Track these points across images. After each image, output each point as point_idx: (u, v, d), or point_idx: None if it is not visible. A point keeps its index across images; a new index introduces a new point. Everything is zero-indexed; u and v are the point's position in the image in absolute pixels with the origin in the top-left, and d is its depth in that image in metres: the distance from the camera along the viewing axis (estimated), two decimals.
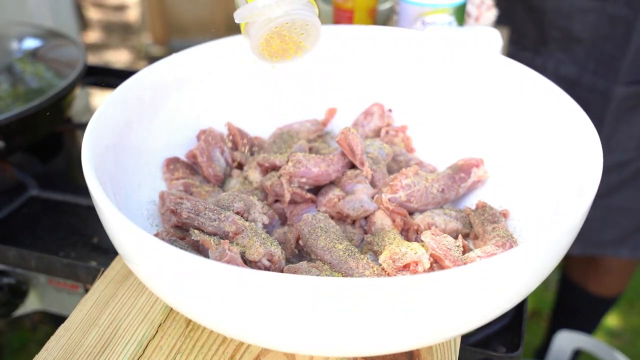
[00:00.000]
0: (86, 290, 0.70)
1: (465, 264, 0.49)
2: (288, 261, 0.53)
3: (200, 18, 2.75)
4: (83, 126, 0.86)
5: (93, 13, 3.36)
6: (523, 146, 0.59)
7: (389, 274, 0.49)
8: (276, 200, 0.60)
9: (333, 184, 0.60)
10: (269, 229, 0.57)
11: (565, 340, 1.30)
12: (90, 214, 0.74)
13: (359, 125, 0.69)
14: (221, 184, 0.64)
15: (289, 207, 0.58)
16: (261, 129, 0.70)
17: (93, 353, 0.48)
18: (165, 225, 0.55)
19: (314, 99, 0.71)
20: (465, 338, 0.57)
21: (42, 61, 0.91)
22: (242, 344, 0.49)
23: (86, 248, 0.69)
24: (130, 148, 0.58)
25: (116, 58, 2.93)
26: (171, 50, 0.72)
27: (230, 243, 0.49)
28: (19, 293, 0.75)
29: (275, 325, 0.38)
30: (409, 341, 0.40)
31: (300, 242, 0.53)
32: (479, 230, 0.56)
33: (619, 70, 1.04)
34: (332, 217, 0.58)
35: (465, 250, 0.53)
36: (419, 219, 0.56)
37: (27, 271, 0.74)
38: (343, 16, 0.92)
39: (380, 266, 0.50)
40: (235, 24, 0.54)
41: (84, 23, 3.09)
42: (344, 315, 0.36)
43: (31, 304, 0.77)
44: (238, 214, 0.54)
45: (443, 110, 0.67)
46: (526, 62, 0.64)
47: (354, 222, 0.58)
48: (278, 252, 0.50)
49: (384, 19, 1.00)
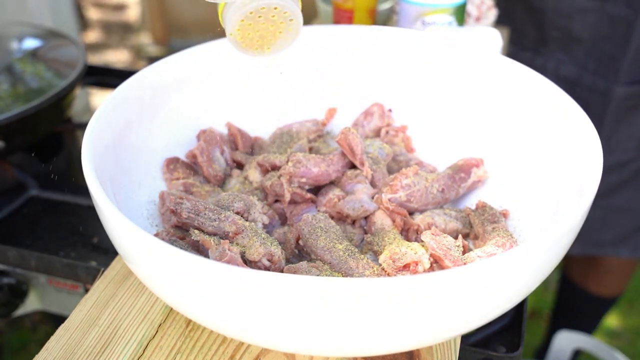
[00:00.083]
0: (86, 290, 0.70)
1: (465, 264, 0.49)
2: (288, 261, 0.53)
3: (200, 18, 2.75)
4: (83, 126, 0.86)
5: (93, 13, 3.36)
6: (523, 146, 0.59)
7: (389, 274, 0.49)
8: (276, 200, 0.60)
9: (333, 184, 0.60)
10: (269, 229, 0.57)
11: (565, 340, 1.30)
12: (90, 214, 0.74)
13: (359, 125, 0.69)
14: (221, 184, 0.63)
15: (289, 207, 0.58)
16: (261, 129, 0.70)
17: (93, 353, 0.48)
18: (165, 225, 0.55)
19: (314, 99, 0.71)
20: (465, 338, 0.57)
21: (42, 61, 0.91)
22: (242, 344, 0.49)
23: (86, 248, 0.69)
24: (130, 148, 0.58)
25: (116, 58, 2.93)
26: (171, 50, 0.72)
27: (230, 243, 0.49)
28: (19, 293, 0.75)
29: (275, 325, 0.38)
30: (409, 341, 0.40)
31: (300, 242, 0.53)
32: (479, 230, 0.56)
33: (619, 70, 1.04)
34: (332, 217, 0.58)
35: (465, 250, 0.53)
36: (419, 219, 0.56)
37: (27, 271, 0.73)
38: (343, 16, 0.92)
39: (380, 266, 0.50)
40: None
41: (84, 23, 3.09)
42: (344, 315, 0.36)
43: (31, 304, 0.77)
44: (238, 214, 0.54)
45: (443, 110, 0.67)
46: (526, 62, 0.64)
47: (354, 222, 0.58)
48: (278, 252, 0.50)
49: (384, 19, 1.00)
